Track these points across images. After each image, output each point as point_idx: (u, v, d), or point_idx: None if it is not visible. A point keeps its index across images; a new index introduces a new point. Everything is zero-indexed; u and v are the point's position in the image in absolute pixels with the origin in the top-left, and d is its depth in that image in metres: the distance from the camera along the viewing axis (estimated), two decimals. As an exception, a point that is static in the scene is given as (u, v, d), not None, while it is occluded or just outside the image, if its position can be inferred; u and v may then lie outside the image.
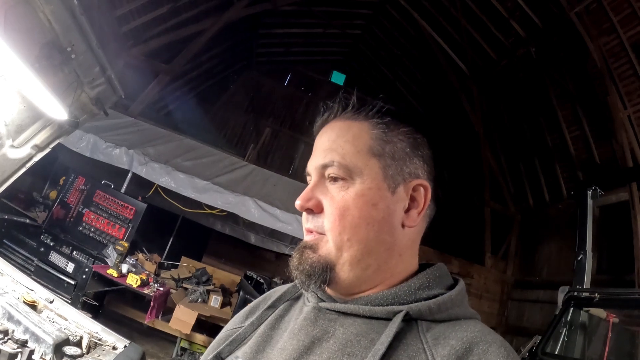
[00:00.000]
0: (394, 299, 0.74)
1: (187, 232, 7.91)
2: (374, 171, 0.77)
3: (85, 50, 2.00)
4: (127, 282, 4.56)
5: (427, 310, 0.72)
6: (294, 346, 0.73)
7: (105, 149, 5.91)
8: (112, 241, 5.14)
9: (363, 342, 0.70)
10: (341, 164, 0.77)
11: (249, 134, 10.69)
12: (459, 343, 0.66)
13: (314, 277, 0.76)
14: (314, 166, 0.81)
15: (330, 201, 0.77)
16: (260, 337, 0.81)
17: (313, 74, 12.21)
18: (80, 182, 5.43)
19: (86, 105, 2.44)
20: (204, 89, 10.55)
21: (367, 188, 0.76)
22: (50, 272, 4.61)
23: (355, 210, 0.75)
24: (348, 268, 0.75)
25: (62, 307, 2.24)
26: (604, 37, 6.35)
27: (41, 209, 6.23)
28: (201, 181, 5.88)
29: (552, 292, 7.02)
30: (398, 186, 0.78)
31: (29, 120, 2.13)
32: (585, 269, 4.75)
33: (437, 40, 8.95)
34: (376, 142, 0.78)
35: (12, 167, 2.27)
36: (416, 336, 0.70)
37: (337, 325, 0.74)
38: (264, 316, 0.87)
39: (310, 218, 0.80)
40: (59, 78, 2.02)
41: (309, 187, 0.80)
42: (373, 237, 0.75)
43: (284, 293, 0.91)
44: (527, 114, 8.05)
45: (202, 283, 5.72)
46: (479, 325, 0.72)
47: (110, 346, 2.16)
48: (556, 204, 7.69)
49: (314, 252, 0.77)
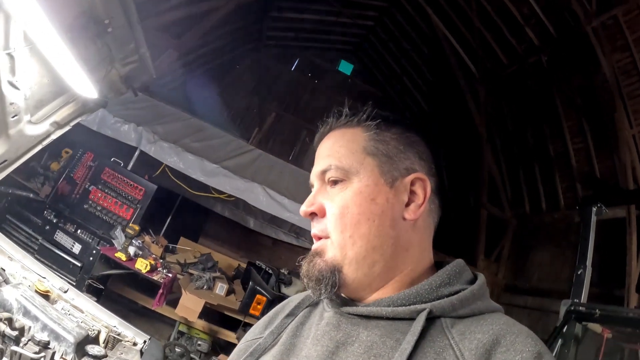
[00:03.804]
0: (415, 298, 0.75)
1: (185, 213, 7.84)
2: (369, 168, 0.80)
3: (123, 25, 1.91)
4: (135, 266, 4.47)
5: (450, 307, 0.73)
6: (319, 352, 0.74)
7: (114, 124, 5.79)
8: (119, 221, 5.02)
9: (389, 343, 0.71)
10: (338, 167, 0.81)
11: (253, 117, 10.60)
12: (485, 336, 0.68)
13: (324, 282, 0.77)
14: (314, 174, 0.85)
15: (330, 203, 0.80)
16: (283, 345, 0.82)
17: (321, 62, 12.07)
18: (88, 158, 5.28)
19: (114, 84, 2.35)
20: (210, 68, 10.36)
21: (365, 185, 0.79)
22: (56, 252, 4.48)
23: (354, 207, 0.78)
24: (355, 267, 0.77)
25: (76, 297, 2.16)
26: (617, 53, 6.39)
27: (41, 180, 5.96)
28: (210, 164, 5.82)
29: (541, 299, 7.23)
30: (396, 180, 0.80)
31: (51, 95, 2.00)
32: (584, 283, 4.88)
33: (448, 39, 8.89)
34: (370, 142, 0.82)
35: (28, 144, 2.13)
36: (442, 332, 0.71)
37: (360, 328, 0.75)
38: (283, 324, 0.88)
39: (315, 223, 0.83)
40: (91, 51, 1.91)
41: (311, 194, 0.84)
42: (375, 232, 0.78)
43: (302, 300, 0.92)
44: (532, 121, 8.09)
45: (208, 269, 5.69)
46: (504, 317, 0.75)
47: (131, 342, 2.11)
48: (552, 212, 7.80)
49: (321, 257, 0.80)
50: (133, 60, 2.25)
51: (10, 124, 1.83)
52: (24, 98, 1.79)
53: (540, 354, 0.66)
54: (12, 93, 1.68)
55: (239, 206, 7.43)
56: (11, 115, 1.78)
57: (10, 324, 1.61)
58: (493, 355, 0.65)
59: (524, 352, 0.65)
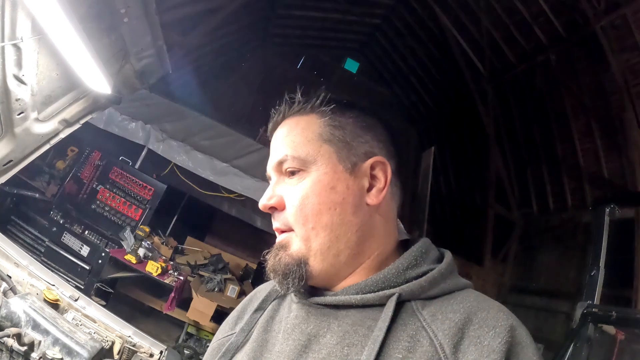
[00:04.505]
0: (384, 283, 0.74)
1: (192, 212, 7.82)
2: (326, 156, 0.78)
3: (140, 15, 1.80)
4: (146, 269, 4.39)
5: (419, 289, 0.72)
6: (291, 347, 0.72)
7: (121, 122, 5.68)
8: (128, 222, 4.93)
9: (361, 331, 0.70)
10: (294, 156, 0.78)
11: (258, 115, 10.56)
12: (457, 315, 0.68)
13: (291, 276, 0.75)
14: (271, 166, 0.82)
15: (289, 194, 0.78)
16: (256, 342, 0.80)
17: (327, 59, 12.01)
18: (95, 156, 5.20)
19: (129, 79, 2.23)
20: (215, 66, 10.34)
21: (323, 173, 0.77)
22: (63, 254, 4.30)
23: (314, 197, 0.76)
24: (320, 258, 0.76)
25: (87, 306, 2.01)
26: (626, 53, 6.34)
27: (46, 179, 5.87)
28: (220, 163, 5.72)
29: (548, 300, 7.20)
30: (355, 166, 0.78)
31: (61, 90, 1.86)
32: (597, 284, 4.83)
33: (456, 37, 8.84)
34: (325, 129, 0.80)
35: (35, 143, 2.01)
36: (413, 316, 0.70)
37: (330, 318, 0.74)
38: (253, 320, 0.85)
39: (276, 217, 0.80)
40: (104, 44, 1.81)
41: (269, 186, 0.81)
42: (338, 221, 0.75)
43: (269, 293, 0.89)
44: (540, 121, 8.05)
45: (218, 271, 5.63)
46: (474, 293, 0.74)
47: (147, 353, 1.99)
48: (560, 213, 7.77)
49: (286, 251, 0.78)
50: (149, 55, 2.13)
51: (16, 122, 1.72)
52: (31, 94, 1.67)
53: (513, 327, 0.66)
54: (18, 88, 1.57)
55: (246, 205, 7.41)
56: (17, 112, 1.67)
57: (19, 339, 1.52)
58: (466, 333, 0.66)
59: (496, 327, 0.65)
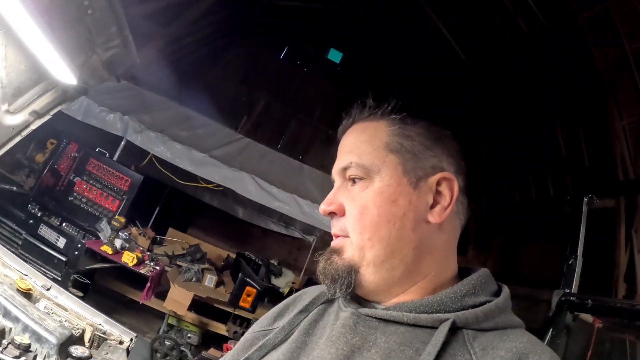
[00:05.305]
0: (439, 306, 0.72)
1: (174, 203, 7.75)
2: (392, 167, 0.76)
3: (104, 6, 1.79)
4: (122, 260, 4.39)
5: (474, 319, 0.70)
6: (332, 355, 0.70)
7: (99, 113, 5.63)
8: (105, 213, 4.90)
9: (407, 352, 0.68)
10: (358, 164, 0.77)
11: (241, 105, 10.45)
12: (508, 354, 0.65)
13: (339, 281, 0.74)
14: (335, 171, 0.82)
15: (350, 202, 0.77)
16: (295, 343, 0.78)
17: (309, 50, 11.91)
18: (72, 148, 5.11)
19: (96, 70, 2.22)
20: (198, 56, 10.20)
21: (386, 185, 0.75)
22: (40, 247, 4.33)
23: (374, 209, 0.74)
24: (373, 270, 0.74)
25: (60, 295, 2.07)
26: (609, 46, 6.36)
27: (26, 172, 5.86)
28: (198, 153, 5.68)
29: (530, 289, 7.29)
30: (420, 180, 0.76)
31: (30, 82, 1.91)
32: (575, 272, 4.89)
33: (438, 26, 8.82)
34: (393, 138, 0.78)
35: (6, 134, 2.06)
36: (463, 346, 0.68)
37: (378, 333, 0.71)
38: (296, 320, 0.84)
39: (334, 222, 0.80)
40: (70, 36, 1.80)
41: (332, 191, 0.80)
42: (395, 235, 0.74)
43: (317, 296, 0.87)
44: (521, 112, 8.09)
45: (196, 261, 5.62)
46: (527, 334, 0.71)
47: (117, 340, 2.05)
48: (542, 203, 7.84)
49: (339, 255, 0.76)
50: (115, 45, 2.12)
51: (-13, 114, 1.72)
52: (0, 86, 1.70)
53: None
54: (-12, 81, 1.56)
55: (228, 195, 7.35)
56: (-13, 104, 1.67)
57: (-12, 326, 1.53)
58: None
59: None
